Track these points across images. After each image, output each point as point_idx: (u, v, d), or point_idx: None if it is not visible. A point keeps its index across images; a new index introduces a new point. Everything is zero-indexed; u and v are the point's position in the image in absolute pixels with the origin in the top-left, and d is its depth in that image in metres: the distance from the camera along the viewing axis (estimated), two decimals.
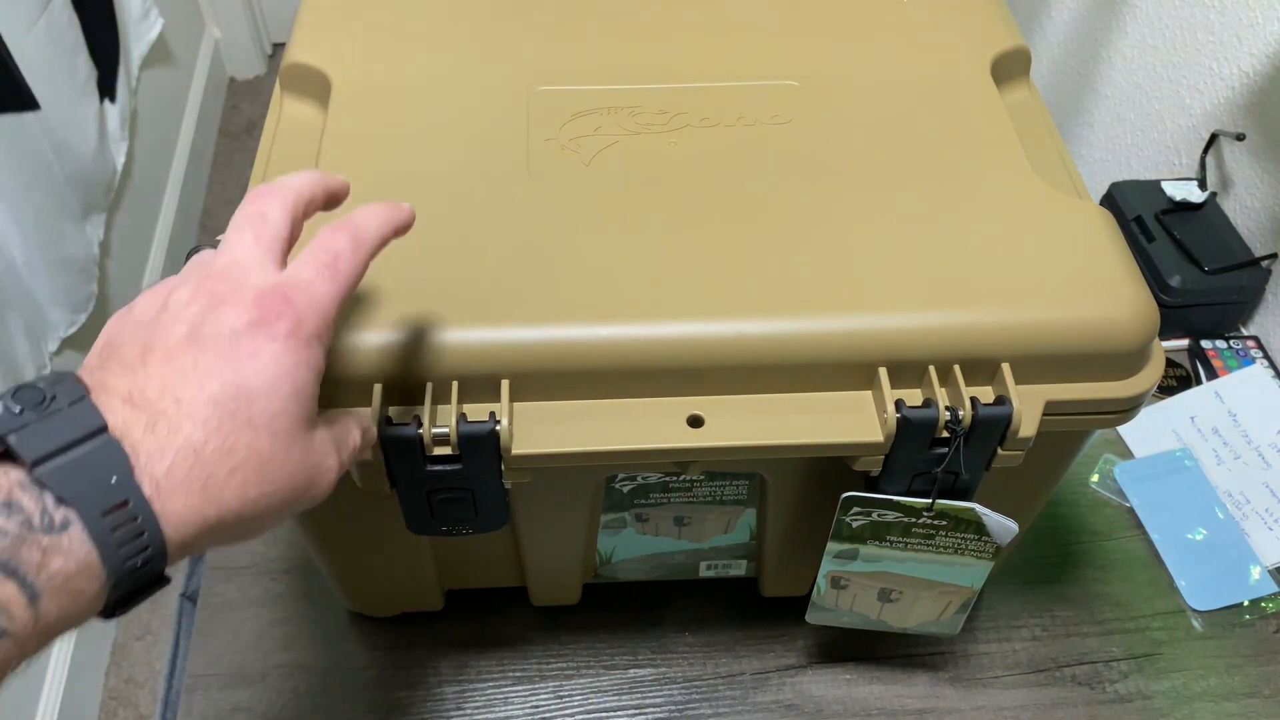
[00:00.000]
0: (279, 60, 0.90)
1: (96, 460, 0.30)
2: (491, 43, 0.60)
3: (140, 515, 0.30)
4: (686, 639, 0.66)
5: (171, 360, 0.33)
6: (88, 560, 0.29)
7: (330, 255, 0.37)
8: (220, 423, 0.32)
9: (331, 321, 0.36)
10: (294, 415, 0.34)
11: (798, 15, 0.63)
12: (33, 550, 0.28)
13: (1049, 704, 0.64)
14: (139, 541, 0.30)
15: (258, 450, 0.33)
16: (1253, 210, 0.87)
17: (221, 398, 0.32)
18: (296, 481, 0.35)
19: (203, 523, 0.32)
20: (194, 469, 0.31)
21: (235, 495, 0.32)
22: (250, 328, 0.34)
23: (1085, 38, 1.10)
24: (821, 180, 0.53)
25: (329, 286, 0.36)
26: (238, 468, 0.32)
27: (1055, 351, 0.47)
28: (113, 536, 0.30)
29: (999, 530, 0.51)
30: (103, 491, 0.30)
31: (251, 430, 0.33)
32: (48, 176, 1.22)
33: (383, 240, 0.39)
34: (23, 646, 0.29)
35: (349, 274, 0.37)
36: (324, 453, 0.37)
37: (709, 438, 0.46)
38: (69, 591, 0.29)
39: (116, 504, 0.30)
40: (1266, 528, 0.72)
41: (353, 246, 0.38)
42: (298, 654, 0.65)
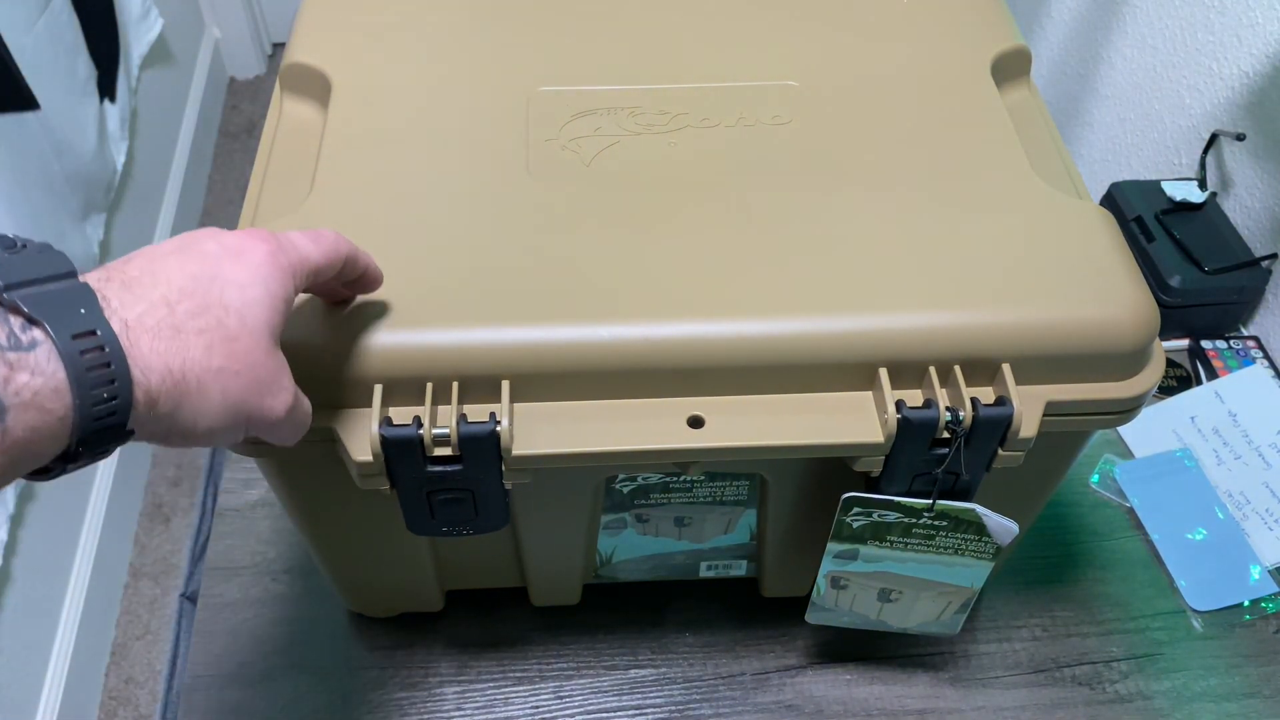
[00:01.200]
0: (279, 60, 0.90)
1: (67, 294, 0.31)
2: (491, 43, 0.60)
3: (108, 345, 0.31)
4: (687, 639, 0.66)
5: (155, 259, 0.35)
6: (55, 380, 0.30)
7: (315, 232, 0.41)
8: (194, 291, 0.34)
9: (308, 273, 0.39)
10: (261, 316, 0.36)
11: (798, 15, 0.63)
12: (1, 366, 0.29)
13: (1049, 704, 0.64)
14: (106, 372, 0.31)
15: (226, 325, 0.35)
16: (1253, 210, 0.87)
17: (199, 275, 0.35)
18: (257, 374, 0.36)
19: (167, 372, 0.33)
20: (164, 319, 0.33)
21: (200, 355, 0.34)
22: (236, 243, 0.37)
23: (1085, 38, 1.10)
24: (821, 180, 0.53)
25: (310, 245, 0.40)
26: (205, 330, 0.34)
27: (1055, 352, 0.47)
28: (81, 359, 0.30)
29: (999, 531, 0.51)
30: (72, 317, 0.31)
31: (222, 308, 0.35)
32: (48, 176, 1.22)
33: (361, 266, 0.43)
34: None
35: (330, 251, 0.40)
36: (282, 369, 0.38)
37: (709, 438, 0.46)
38: (35, 407, 0.30)
39: (85, 331, 0.31)
40: (1266, 528, 0.72)
41: (337, 237, 0.41)
42: (298, 654, 0.65)
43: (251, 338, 0.35)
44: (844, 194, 0.52)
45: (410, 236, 0.50)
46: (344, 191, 0.52)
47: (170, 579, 1.40)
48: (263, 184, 0.54)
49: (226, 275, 0.35)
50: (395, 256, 0.49)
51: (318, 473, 0.50)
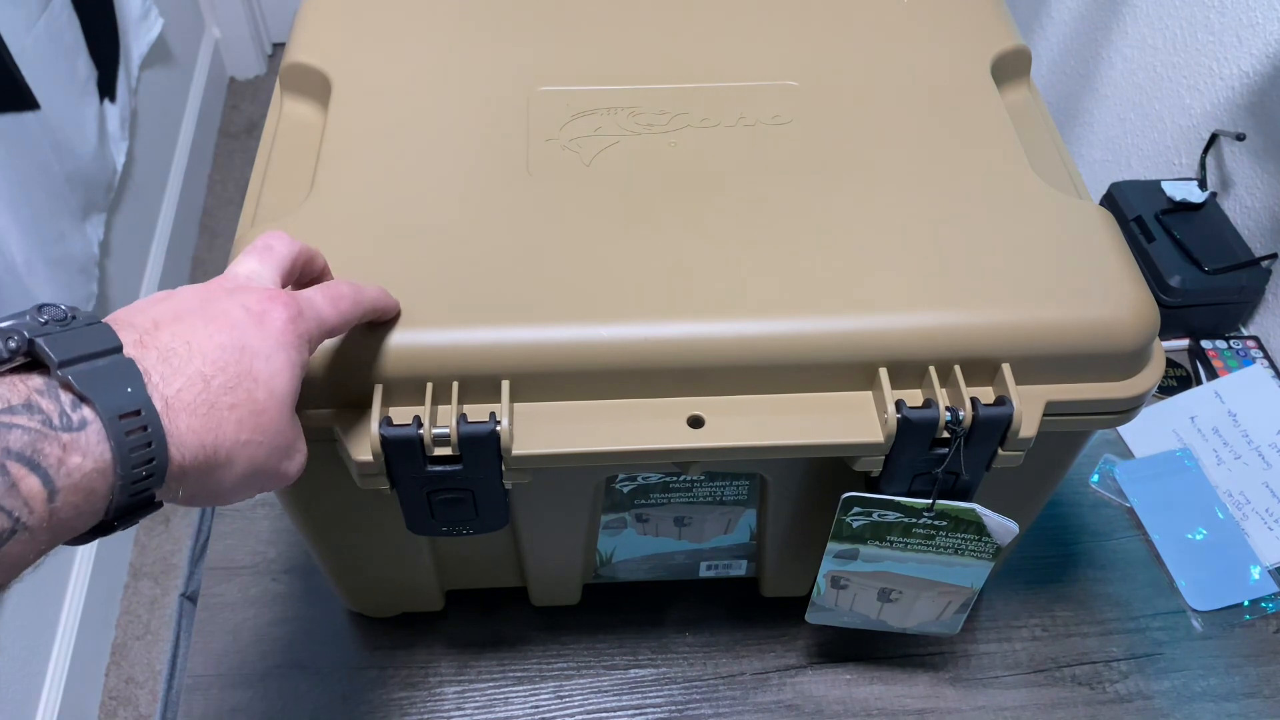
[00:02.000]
0: (279, 60, 0.90)
1: (115, 371, 0.32)
2: (492, 43, 0.60)
3: (150, 426, 0.32)
4: (687, 639, 0.66)
5: (182, 321, 0.35)
6: (102, 460, 0.31)
7: (334, 291, 0.41)
8: (226, 364, 0.35)
9: (322, 338, 0.40)
10: (286, 385, 0.37)
11: (798, 15, 0.63)
12: (54, 446, 0.30)
13: (1049, 704, 0.64)
14: (147, 451, 0.32)
15: (255, 398, 0.36)
16: (1253, 210, 0.87)
17: (229, 346, 0.35)
18: (279, 443, 0.37)
19: (200, 448, 0.34)
20: (200, 396, 0.34)
21: (231, 430, 0.35)
22: (258, 306, 0.37)
23: (1085, 38, 1.10)
24: (821, 180, 0.53)
25: (330, 309, 0.40)
26: (237, 405, 0.35)
27: (1055, 352, 0.47)
28: (127, 440, 0.31)
29: (999, 530, 0.51)
30: (120, 396, 0.31)
31: (252, 380, 0.36)
32: (48, 176, 1.22)
33: (374, 313, 0.44)
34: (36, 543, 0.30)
35: (347, 312, 0.41)
36: (298, 434, 0.39)
37: (709, 438, 0.46)
38: (83, 490, 0.30)
39: (131, 410, 0.31)
40: (1266, 528, 0.72)
41: (354, 295, 0.42)
42: (298, 654, 0.65)
43: (277, 409, 0.37)
44: (844, 194, 0.52)
45: (410, 236, 0.50)
46: (344, 191, 0.52)
47: (170, 579, 1.40)
48: (263, 184, 0.54)
49: (253, 346, 0.36)
50: (395, 256, 0.49)
51: (318, 473, 0.50)
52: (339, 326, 0.41)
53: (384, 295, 0.44)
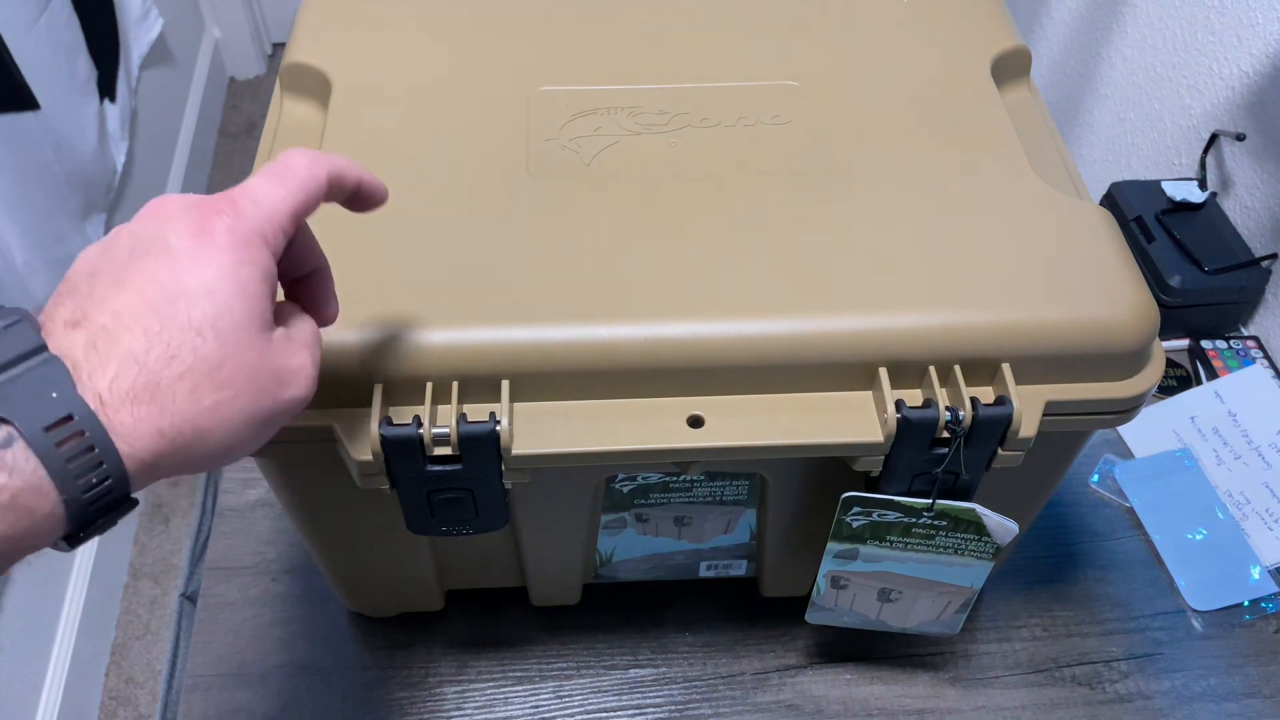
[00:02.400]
0: (279, 60, 0.90)
1: (35, 378, 0.29)
2: (492, 43, 0.60)
3: (88, 429, 0.29)
4: (687, 639, 0.66)
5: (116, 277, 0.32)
6: (35, 477, 0.28)
7: (281, 166, 0.36)
8: (160, 328, 0.31)
9: (280, 226, 0.35)
10: (240, 315, 0.32)
11: (798, 15, 0.63)
12: None
13: (1049, 704, 0.64)
14: (90, 457, 0.29)
15: (204, 354, 0.31)
16: (1253, 210, 0.87)
17: (158, 302, 0.31)
18: (259, 384, 0.33)
19: (159, 434, 0.30)
20: (138, 378, 0.30)
21: (186, 402, 0.31)
22: (190, 231, 0.33)
23: (1085, 38, 1.10)
24: (821, 180, 0.53)
25: (278, 189, 0.35)
26: (185, 373, 0.31)
27: (1055, 352, 0.47)
28: (59, 451, 0.28)
29: (999, 530, 0.51)
30: (43, 406, 0.29)
31: (195, 333, 0.31)
32: (48, 176, 1.22)
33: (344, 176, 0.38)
34: None
35: (299, 182, 0.35)
36: (288, 352, 0.35)
37: (709, 438, 0.46)
38: (16, 509, 0.28)
39: (60, 419, 0.29)
40: (1266, 528, 0.72)
41: (308, 162, 0.36)
42: (298, 654, 0.65)
43: (237, 350, 0.32)
44: (844, 194, 0.52)
45: (410, 236, 0.50)
46: None
47: (170, 579, 1.40)
48: None
49: (190, 286, 0.31)
50: (395, 256, 0.49)
51: (318, 473, 0.50)
52: (299, 206, 0.35)
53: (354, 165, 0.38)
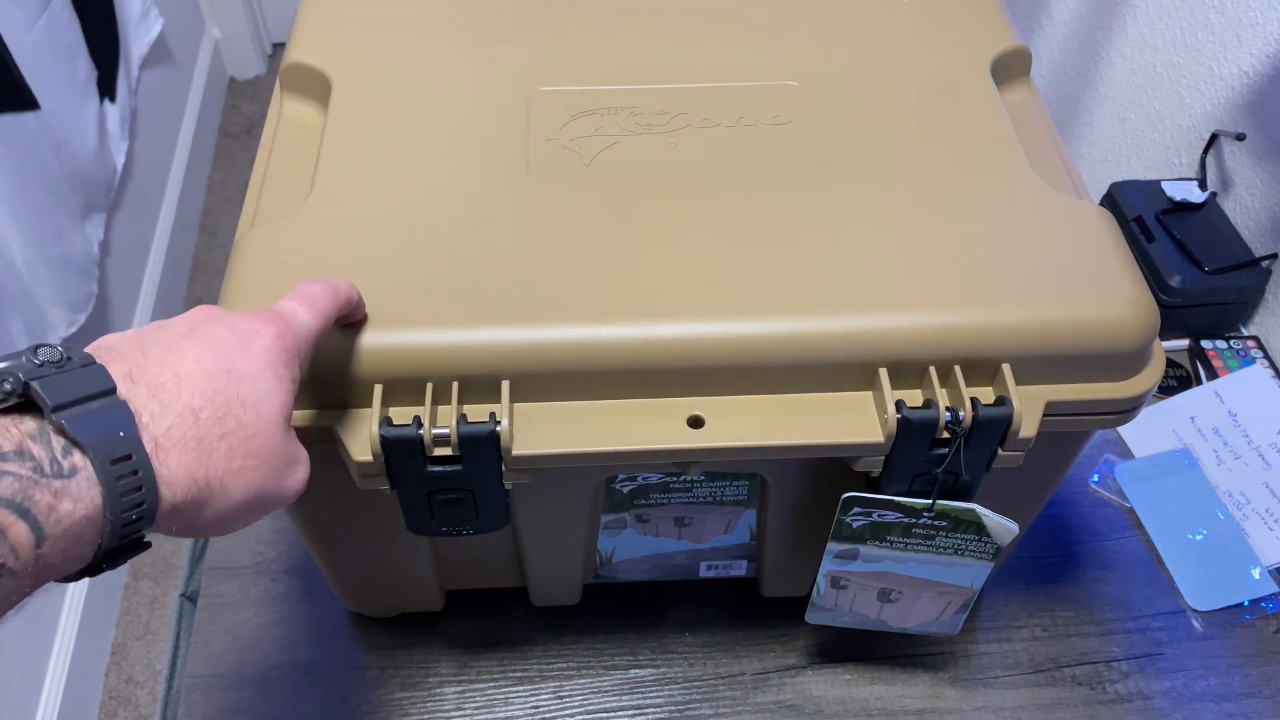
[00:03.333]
0: (279, 60, 0.90)
1: (108, 415, 0.32)
2: (492, 43, 0.60)
3: (141, 470, 0.32)
4: (687, 639, 0.66)
5: (170, 348, 0.36)
6: (92, 506, 0.31)
7: (308, 295, 0.42)
8: (214, 393, 0.35)
9: (308, 349, 0.40)
10: (274, 404, 0.37)
11: (798, 15, 0.63)
12: (44, 493, 0.30)
13: (1049, 704, 0.64)
14: (138, 495, 0.32)
15: (245, 423, 0.36)
16: (1253, 210, 0.87)
17: (215, 372, 0.35)
18: (275, 463, 0.37)
19: (192, 483, 0.34)
20: (189, 431, 0.34)
21: (223, 460, 0.35)
22: (243, 328, 0.38)
23: (1085, 38, 1.10)
24: (821, 180, 0.53)
25: (309, 315, 0.41)
26: (227, 435, 0.35)
27: (1055, 352, 0.47)
28: (118, 485, 0.31)
29: (999, 531, 0.51)
30: (113, 442, 0.31)
31: (240, 405, 0.36)
32: (48, 176, 1.22)
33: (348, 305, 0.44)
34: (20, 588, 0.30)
35: (324, 310, 0.42)
36: (297, 451, 0.39)
37: (709, 438, 0.46)
38: (72, 535, 0.30)
39: (123, 455, 0.31)
40: (1266, 528, 0.72)
41: (329, 292, 0.42)
42: (298, 654, 0.65)
43: (268, 430, 0.37)
44: (844, 194, 0.52)
45: (410, 236, 0.50)
46: (344, 191, 0.52)
47: (170, 579, 1.40)
48: (263, 184, 0.54)
49: (239, 369, 0.36)
50: (395, 256, 0.49)
51: (318, 473, 0.50)
52: (323, 329, 0.41)
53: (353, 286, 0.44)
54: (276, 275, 0.47)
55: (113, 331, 0.39)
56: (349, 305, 0.44)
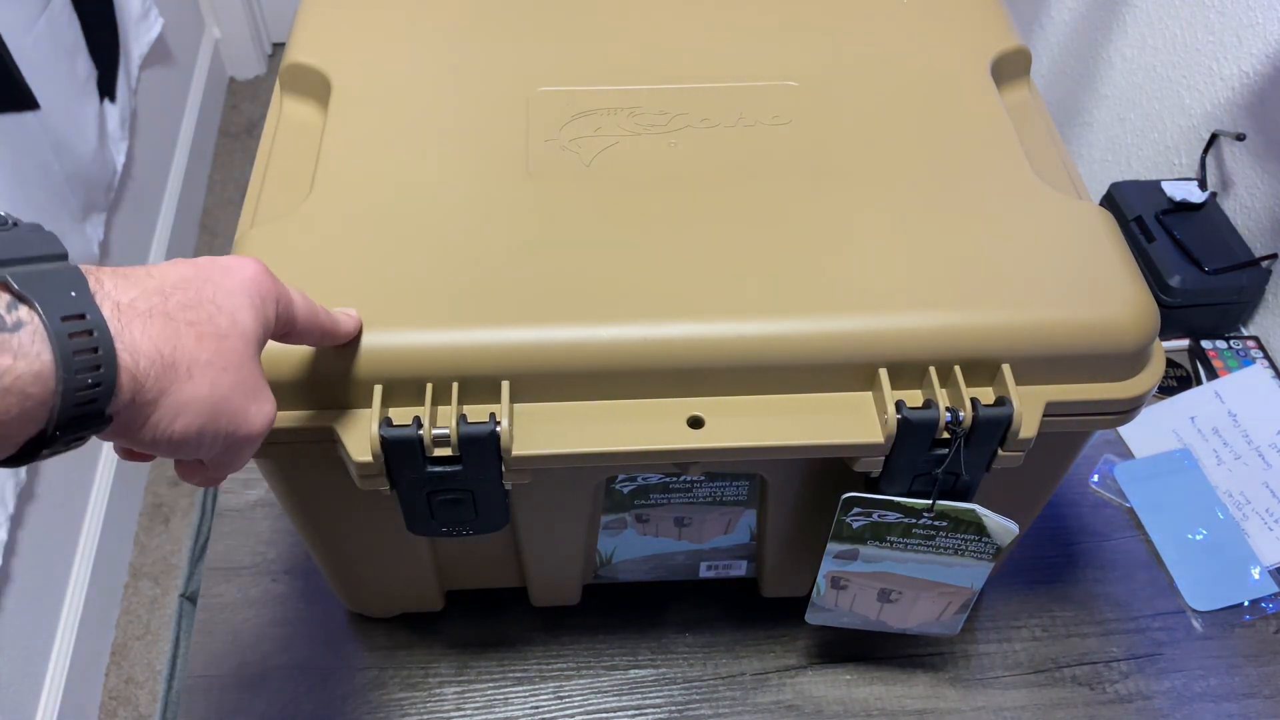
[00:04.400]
0: (279, 60, 0.90)
1: (58, 275, 0.30)
2: (491, 43, 0.60)
3: (96, 330, 0.30)
4: (687, 639, 0.66)
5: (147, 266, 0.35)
6: (40, 364, 0.29)
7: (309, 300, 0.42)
8: (187, 285, 0.34)
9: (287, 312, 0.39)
10: (249, 322, 0.36)
11: (798, 15, 0.63)
12: None
13: (1049, 704, 0.64)
14: (93, 357, 0.30)
15: (217, 322, 0.34)
16: (1253, 210, 0.87)
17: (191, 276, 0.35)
18: (244, 376, 0.35)
19: (157, 355, 0.32)
20: (157, 305, 0.32)
21: (192, 343, 0.33)
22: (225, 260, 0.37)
23: (1085, 38, 1.10)
24: (821, 181, 0.53)
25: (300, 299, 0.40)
26: (197, 323, 0.34)
27: (1055, 352, 0.47)
28: (70, 343, 0.29)
29: (999, 531, 0.51)
30: (63, 299, 0.30)
31: (214, 306, 0.35)
32: (48, 176, 1.22)
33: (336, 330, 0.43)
34: None
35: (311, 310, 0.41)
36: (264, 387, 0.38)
37: (709, 439, 0.46)
38: (16, 392, 0.28)
39: (75, 314, 0.30)
40: (1266, 528, 0.72)
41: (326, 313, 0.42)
42: (298, 654, 0.65)
43: (241, 339, 0.35)
44: (844, 194, 0.52)
45: (410, 237, 0.50)
46: (344, 192, 0.52)
47: (170, 579, 1.40)
48: (263, 184, 0.54)
49: (217, 280, 0.35)
50: (394, 256, 0.49)
51: (318, 473, 0.50)
52: (303, 323, 0.40)
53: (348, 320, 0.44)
54: (277, 275, 0.47)
55: None
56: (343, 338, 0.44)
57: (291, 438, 0.46)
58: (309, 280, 0.47)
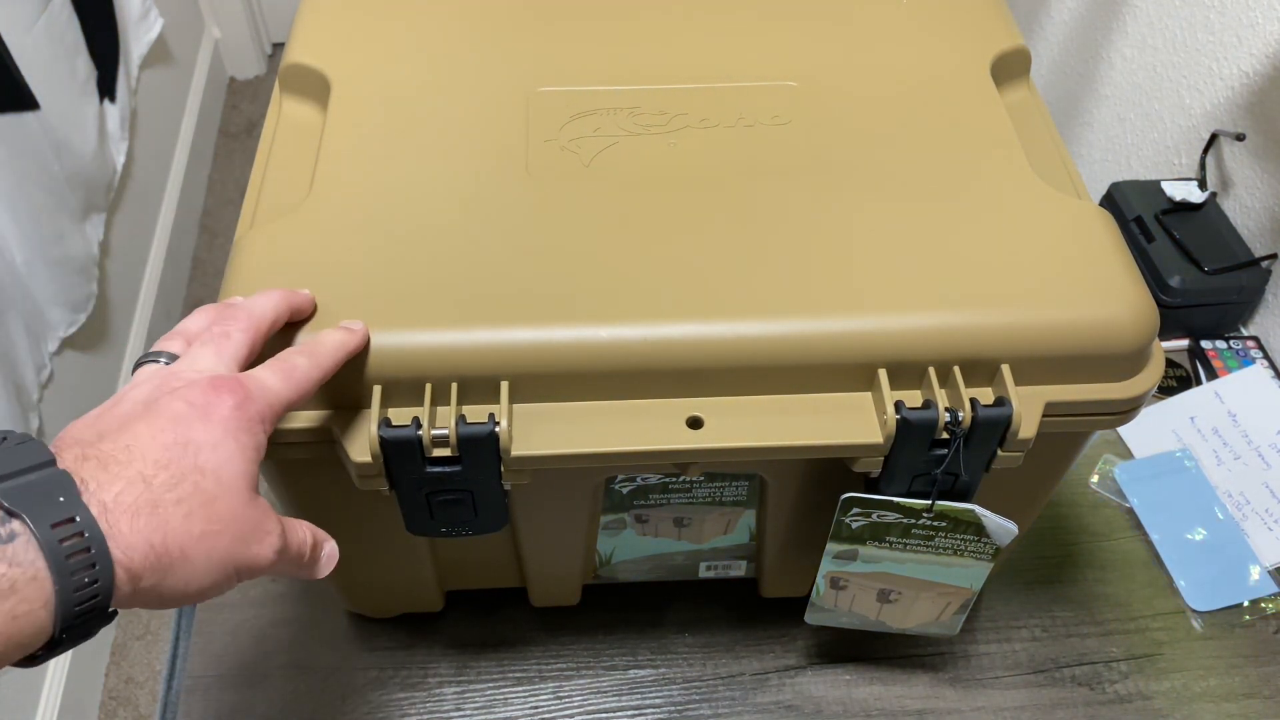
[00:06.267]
0: (279, 60, 0.90)
1: (44, 483, 0.32)
2: (491, 43, 0.60)
3: (87, 531, 0.31)
4: (686, 640, 0.66)
5: (125, 429, 0.35)
6: (35, 570, 0.30)
7: (288, 364, 0.41)
8: (169, 461, 0.34)
9: (277, 414, 0.39)
10: (236, 471, 0.36)
11: (798, 15, 0.63)
12: None
13: (1049, 704, 0.64)
14: (87, 557, 0.31)
15: (204, 489, 0.35)
16: (1253, 210, 0.87)
17: (170, 444, 0.35)
18: (240, 529, 0.36)
19: (149, 549, 0.33)
20: (142, 496, 0.33)
21: (180, 525, 0.34)
22: (202, 399, 0.37)
23: (1085, 38, 1.10)
24: (821, 181, 0.53)
25: (282, 385, 0.40)
26: (184, 499, 0.34)
27: (1055, 352, 0.47)
28: (61, 548, 0.31)
29: (998, 531, 0.51)
30: (50, 506, 0.31)
31: (198, 472, 0.35)
32: (48, 176, 1.22)
33: (338, 364, 0.43)
34: None
35: (302, 382, 0.41)
36: (265, 515, 0.38)
37: (708, 439, 0.46)
38: (15, 596, 0.30)
39: (64, 519, 0.31)
40: (1266, 528, 0.72)
41: (310, 364, 0.41)
42: (297, 654, 0.65)
43: (229, 494, 0.36)
44: (843, 194, 0.52)
45: (409, 237, 0.50)
46: (343, 191, 0.52)
47: None
48: (262, 184, 0.54)
49: (198, 439, 0.35)
50: (394, 257, 0.49)
51: (317, 473, 0.50)
52: (297, 398, 0.40)
53: (345, 339, 0.43)
54: (276, 275, 0.47)
55: (111, 330, 0.39)
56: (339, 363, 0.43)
57: (291, 438, 0.46)
58: (309, 280, 0.47)
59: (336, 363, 0.43)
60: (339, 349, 0.43)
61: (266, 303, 0.43)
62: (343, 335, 0.43)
